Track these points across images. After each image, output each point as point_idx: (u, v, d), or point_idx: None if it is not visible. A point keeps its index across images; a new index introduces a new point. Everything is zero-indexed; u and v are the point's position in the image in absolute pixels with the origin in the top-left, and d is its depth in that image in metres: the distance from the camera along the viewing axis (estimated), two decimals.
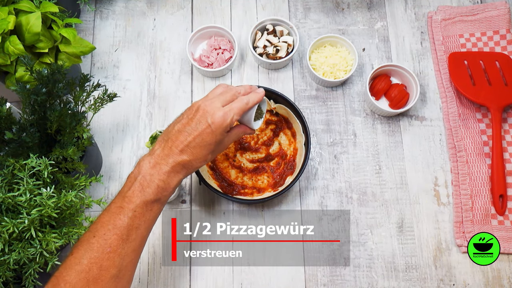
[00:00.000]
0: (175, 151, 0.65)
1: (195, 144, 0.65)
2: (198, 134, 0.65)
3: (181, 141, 0.65)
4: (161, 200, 0.65)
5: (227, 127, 0.67)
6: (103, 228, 0.61)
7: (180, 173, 0.66)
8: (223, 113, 0.66)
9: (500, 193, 0.90)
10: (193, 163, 0.66)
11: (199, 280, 0.87)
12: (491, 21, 1.03)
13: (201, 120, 0.65)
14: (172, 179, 0.65)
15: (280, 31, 1.00)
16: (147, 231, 0.65)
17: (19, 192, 0.66)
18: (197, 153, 0.66)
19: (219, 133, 0.66)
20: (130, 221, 0.61)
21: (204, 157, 0.67)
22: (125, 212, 0.61)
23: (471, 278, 0.87)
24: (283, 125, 0.94)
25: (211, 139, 0.66)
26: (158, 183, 0.63)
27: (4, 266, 0.65)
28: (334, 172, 0.95)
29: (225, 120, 0.66)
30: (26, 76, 0.82)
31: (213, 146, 0.67)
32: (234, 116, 0.67)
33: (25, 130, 0.70)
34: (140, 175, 0.64)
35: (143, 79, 1.01)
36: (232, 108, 0.67)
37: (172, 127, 0.68)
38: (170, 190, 0.66)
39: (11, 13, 0.79)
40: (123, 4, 1.08)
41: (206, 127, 0.65)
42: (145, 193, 0.63)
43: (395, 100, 0.96)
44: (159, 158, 0.65)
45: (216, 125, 0.65)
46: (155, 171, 0.64)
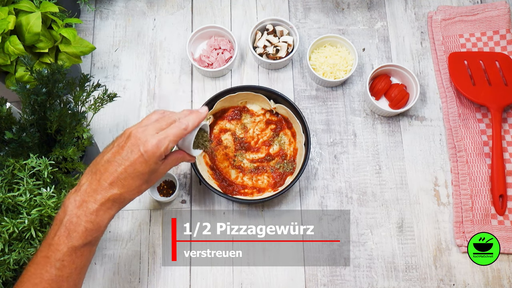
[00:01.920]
0: (104, 185, 0.59)
1: (126, 175, 0.59)
2: (130, 164, 0.59)
3: (110, 173, 0.59)
4: (92, 242, 0.59)
5: (161, 156, 0.61)
6: (30, 282, 0.55)
7: (111, 209, 0.60)
8: (157, 140, 0.60)
9: (500, 193, 0.90)
10: (125, 196, 0.61)
11: (199, 280, 0.87)
12: (491, 21, 1.03)
13: (132, 149, 0.59)
14: (102, 217, 0.59)
15: (280, 31, 1.00)
16: (81, 276, 0.60)
17: (19, 192, 0.66)
18: (129, 184, 0.60)
19: (152, 162, 0.60)
20: (58, 272, 0.56)
21: (138, 188, 0.61)
22: (51, 262, 0.56)
23: (471, 278, 0.87)
24: (283, 125, 0.94)
25: (144, 168, 0.60)
26: (86, 225, 0.57)
27: (4, 266, 0.65)
28: (334, 172, 0.95)
29: (159, 148, 0.60)
30: (26, 76, 0.82)
31: (146, 176, 0.61)
32: (170, 144, 0.61)
33: (25, 130, 0.70)
34: (66, 217, 0.57)
35: (143, 79, 1.01)
36: (168, 134, 0.61)
37: (101, 157, 0.62)
38: (102, 230, 0.60)
39: (11, 13, 0.79)
40: (123, 4, 1.08)
41: (138, 156, 0.59)
42: (72, 239, 0.57)
43: (395, 100, 0.96)
44: (85, 195, 0.59)
45: (149, 154, 0.59)
46: (81, 212, 0.58)
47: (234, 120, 0.94)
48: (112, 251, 0.88)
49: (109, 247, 0.88)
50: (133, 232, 0.90)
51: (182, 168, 0.94)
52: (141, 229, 0.90)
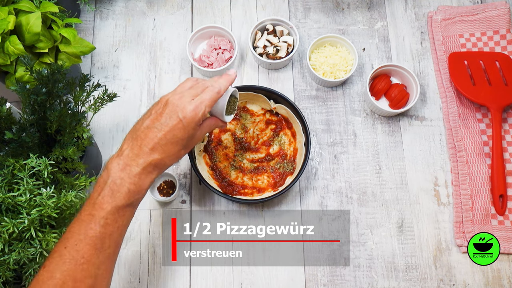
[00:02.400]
0: (145, 150, 0.61)
1: (166, 141, 0.62)
2: (169, 130, 0.61)
3: (151, 138, 0.62)
4: (134, 204, 0.62)
5: (199, 121, 0.63)
6: (74, 238, 0.57)
7: (152, 173, 0.62)
8: (194, 106, 0.62)
9: (500, 193, 0.90)
10: (166, 161, 0.63)
11: (199, 280, 0.87)
12: (491, 21, 1.03)
13: (171, 115, 0.62)
14: (144, 181, 0.61)
15: (280, 31, 1.00)
16: (121, 237, 0.62)
17: (19, 192, 0.66)
18: (169, 150, 0.62)
19: (191, 128, 0.62)
20: (102, 230, 0.58)
21: (177, 154, 0.64)
22: (96, 220, 0.58)
23: (471, 278, 0.87)
24: (283, 125, 0.94)
25: (183, 134, 0.62)
26: (129, 187, 0.60)
27: (4, 266, 0.65)
28: (334, 172, 0.95)
29: (197, 114, 0.62)
30: (26, 76, 0.82)
31: (185, 141, 0.63)
32: (206, 109, 0.63)
33: (25, 130, 0.70)
34: (110, 179, 0.60)
35: (143, 79, 1.01)
36: (203, 100, 0.63)
37: (140, 123, 0.64)
38: (143, 193, 0.62)
39: (11, 13, 0.79)
40: (123, 4, 1.08)
41: (177, 122, 0.62)
42: (116, 199, 0.59)
43: (395, 100, 0.96)
44: (128, 159, 0.61)
45: (188, 120, 0.62)
46: (125, 174, 0.60)
47: (234, 120, 0.94)
48: None
49: None
50: (133, 232, 0.90)
51: (182, 168, 0.95)
52: (141, 229, 0.90)
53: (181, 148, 0.64)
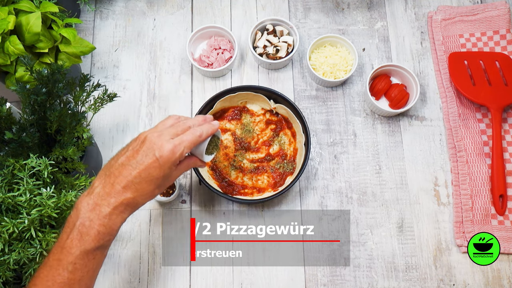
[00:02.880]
0: (117, 188, 0.59)
1: (140, 179, 0.59)
2: (145, 168, 0.59)
3: (124, 176, 0.59)
4: (104, 245, 0.60)
5: (176, 161, 0.61)
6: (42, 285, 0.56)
7: (124, 213, 0.60)
8: (172, 146, 0.60)
9: (500, 193, 0.90)
10: (138, 200, 0.61)
11: (199, 280, 0.87)
12: (491, 21, 1.03)
13: (148, 153, 0.60)
14: (115, 221, 0.59)
15: (280, 31, 1.00)
16: (92, 281, 0.60)
17: (19, 192, 0.66)
18: (143, 189, 0.60)
19: (167, 167, 0.60)
20: (70, 275, 0.56)
21: (151, 193, 0.61)
22: (64, 265, 0.56)
23: (471, 278, 0.87)
24: (283, 125, 0.94)
25: (158, 173, 0.60)
26: (98, 229, 0.57)
27: (4, 266, 0.65)
28: (334, 172, 0.95)
29: (174, 154, 0.60)
30: (26, 76, 0.82)
31: (160, 181, 0.61)
32: (185, 150, 0.62)
33: (25, 130, 0.70)
34: (79, 221, 0.57)
35: (143, 79, 1.01)
36: (183, 141, 0.62)
37: (115, 160, 0.62)
38: (114, 233, 0.60)
39: (11, 13, 0.79)
40: (123, 4, 1.08)
41: (153, 161, 0.59)
42: (85, 242, 0.57)
43: (395, 100, 0.96)
44: (99, 198, 0.59)
45: (164, 159, 0.60)
46: (94, 215, 0.58)
47: (234, 120, 0.94)
48: (112, 251, 0.88)
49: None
50: (133, 232, 0.90)
51: None
52: (141, 229, 0.90)
53: (155, 188, 0.62)
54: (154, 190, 0.62)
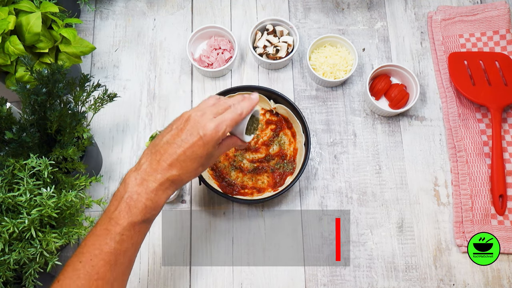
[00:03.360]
0: (163, 165, 0.61)
1: (185, 157, 0.61)
2: (189, 146, 0.61)
3: (170, 154, 0.61)
4: (149, 220, 0.61)
5: (219, 140, 0.63)
6: (89, 253, 0.57)
7: (169, 189, 0.62)
8: (215, 124, 0.62)
9: (500, 193, 0.90)
10: (183, 178, 0.62)
11: (199, 280, 0.87)
12: (491, 21, 1.03)
13: (192, 132, 0.61)
14: (161, 197, 0.61)
15: (280, 31, 1.00)
16: (135, 253, 0.61)
17: (19, 192, 0.66)
18: (188, 166, 0.62)
19: (211, 146, 0.62)
20: (117, 246, 0.58)
21: (195, 171, 0.63)
22: (111, 235, 0.58)
23: (471, 278, 0.87)
24: (283, 125, 0.94)
25: (203, 151, 0.62)
26: (145, 203, 0.59)
27: (4, 266, 0.65)
28: (334, 172, 0.95)
29: (217, 132, 0.62)
30: (26, 76, 0.82)
31: (203, 159, 0.63)
32: (227, 128, 0.63)
33: (25, 130, 0.70)
34: (127, 194, 0.59)
35: (143, 79, 1.01)
36: (225, 119, 0.63)
37: (160, 138, 0.63)
38: (159, 209, 0.62)
39: (11, 13, 0.79)
40: (123, 4, 1.08)
41: (197, 139, 0.61)
42: (133, 215, 0.59)
43: (395, 100, 0.96)
44: (146, 174, 0.61)
45: (208, 138, 0.61)
46: (142, 189, 0.60)
47: None
48: None
49: None
50: None
51: None
52: None
53: (199, 166, 0.63)
54: (198, 168, 0.63)
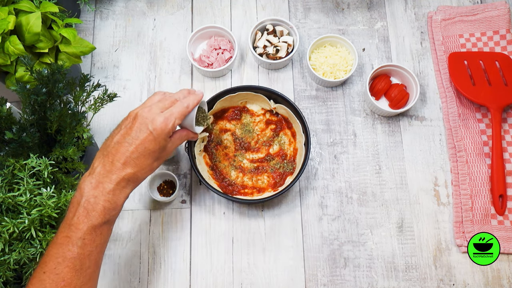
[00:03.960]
0: (117, 165, 0.62)
1: (138, 154, 0.62)
2: (140, 142, 0.62)
3: (122, 153, 0.62)
4: (110, 221, 0.62)
5: (169, 132, 0.65)
6: (52, 261, 0.57)
7: (126, 188, 0.63)
8: (163, 118, 0.63)
9: (500, 193, 0.90)
10: (138, 175, 0.64)
11: (199, 280, 0.87)
12: (491, 21, 1.03)
13: (141, 128, 0.63)
14: (119, 197, 0.62)
15: (280, 31, 1.00)
16: (100, 256, 0.62)
17: (19, 192, 0.66)
18: (142, 163, 0.63)
19: (162, 139, 0.64)
20: (80, 250, 0.58)
21: (149, 166, 0.65)
22: (73, 241, 0.58)
23: (471, 278, 0.87)
24: (283, 125, 0.94)
25: (154, 146, 0.63)
26: (104, 204, 0.60)
27: (4, 266, 0.65)
28: (334, 172, 0.95)
29: (167, 125, 0.63)
30: (26, 76, 0.82)
31: (157, 153, 0.64)
32: (176, 121, 0.65)
33: (25, 130, 0.70)
34: (84, 198, 0.60)
35: (143, 79, 1.01)
36: (172, 112, 0.65)
37: (110, 140, 0.65)
38: (118, 209, 0.63)
39: (11, 13, 0.79)
40: (123, 4, 1.08)
41: (147, 135, 0.62)
42: (92, 218, 0.59)
43: (395, 100, 0.96)
44: (100, 176, 0.61)
45: (158, 131, 0.63)
46: (98, 192, 0.60)
47: (234, 120, 0.94)
48: (112, 251, 0.88)
49: (109, 247, 0.88)
50: (133, 232, 0.90)
51: (182, 168, 0.95)
52: (141, 229, 0.90)
53: (153, 161, 0.65)
54: (153, 163, 0.65)
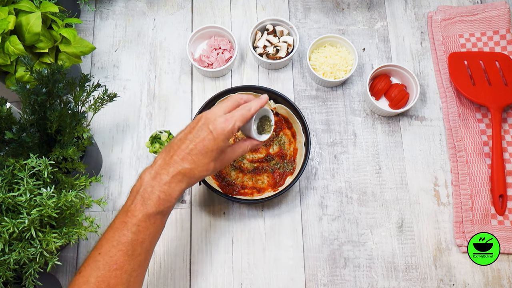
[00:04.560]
0: (176, 160, 0.64)
1: (196, 152, 0.65)
2: (200, 141, 0.65)
3: (182, 149, 0.65)
4: (164, 212, 0.64)
5: (229, 133, 0.66)
6: (108, 244, 0.60)
7: (181, 182, 0.65)
8: (224, 119, 0.65)
9: (500, 193, 0.90)
10: (195, 172, 0.65)
11: (199, 280, 0.87)
12: (491, 21, 1.03)
13: (202, 128, 0.65)
14: (174, 189, 0.64)
15: (280, 31, 1.00)
16: (152, 245, 0.64)
17: (19, 192, 0.66)
18: (199, 160, 0.65)
19: (221, 140, 0.65)
20: (134, 236, 0.61)
21: (206, 165, 0.66)
22: (128, 227, 0.61)
23: (471, 278, 0.87)
24: (283, 125, 0.94)
25: (213, 145, 0.65)
26: (159, 195, 0.63)
27: (4, 266, 0.65)
28: (334, 172, 0.95)
29: (227, 126, 0.65)
30: (26, 76, 0.82)
31: (215, 153, 0.66)
32: (236, 123, 0.66)
33: (25, 130, 0.70)
34: (142, 188, 0.63)
35: (143, 79, 1.01)
36: (234, 115, 0.67)
37: (174, 138, 0.68)
38: (173, 201, 0.65)
39: (11, 13, 0.79)
40: (123, 4, 1.08)
41: (207, 134, 0.65)
42: (147, 206, 0.62)
43: (395, 100, 0.96)
44: (159, 168, 0.64)
45: (218, 131, 0.65)
46: (155, 182, 0.63)
47: None
48: None
49: None
50: None
51: None
52: None
53: (210, 160, 0.66)
54: (210, 163, 0.66)
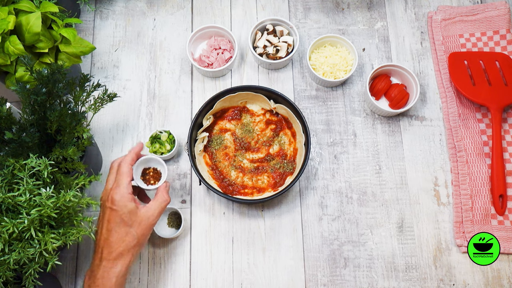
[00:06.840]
0: (108, 257, 0.72)
1: (109, 228, 0.72)
2: (106, 221, 0.73)
3: (104, 241, 0.73)
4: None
5: (124, 189, 0.73)
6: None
7: (115, 267, 0.72)
8: (115, 187, 0.74)
9: (500, 193, 0.90)
10: (113, 246, 0.72)
11: (199, 280, 0.87)
12: (491, 21, 1.03)
13: (104, 211, 0.74)
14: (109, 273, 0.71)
15: (280, 31, 1.00)
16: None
17: (19, 192, 0.66)
18: (116, 234, 0.72)
19: (120, 203, 0.72)
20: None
21: (123, 238, 0.72)
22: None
23: (471, 278, 0.87)
24: (283, 125, 0.94)
25: (115, 217, 0.72)
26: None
27: (4, 266, 0.65)
28: (334, 172, 0.95)
29: (118, 188, 0.73)
30: (26, 76, 0.82)
31: (126, 218, 0.72)
32: (124, 180, 0.74)
33: (25, 130, 0.70)
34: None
35: (143, 79, 1.01)
36: (119, 179, 0.75)
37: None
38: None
39: (11, 13, 0.79)
40: (123, 4, 1.08)
41: (109, 211, 0.73)
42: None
43: (395, 100, 0.96)
44: (94, 266, 0.73)
45: (114, 200, 0.72)
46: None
47: (234, 120, 0.94)
48: None
49: None
50: None
51: (182, 168, 0.95)
52: None
53: (126, 229, 0.73)
54: (127, 234, 0.73)
